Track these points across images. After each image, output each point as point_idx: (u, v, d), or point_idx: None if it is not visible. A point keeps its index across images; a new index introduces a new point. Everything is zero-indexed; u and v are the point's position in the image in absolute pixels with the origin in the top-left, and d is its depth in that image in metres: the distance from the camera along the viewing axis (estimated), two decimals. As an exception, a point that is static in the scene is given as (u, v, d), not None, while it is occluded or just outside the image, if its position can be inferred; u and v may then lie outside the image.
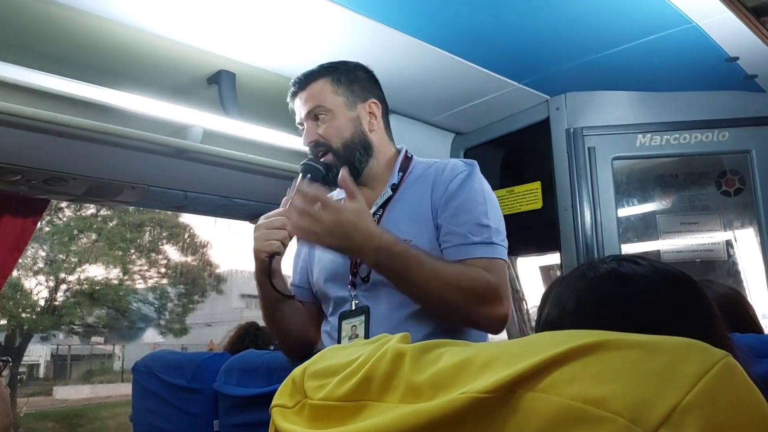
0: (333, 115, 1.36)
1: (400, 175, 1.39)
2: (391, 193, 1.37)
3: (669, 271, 0.69)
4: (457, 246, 1.26)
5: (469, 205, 1.29)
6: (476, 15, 1.71)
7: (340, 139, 1.36)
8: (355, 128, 1.37)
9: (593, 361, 0.44)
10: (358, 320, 1.31)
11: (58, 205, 11.94)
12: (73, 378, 19.01)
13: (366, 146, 1.38)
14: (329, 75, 1.38)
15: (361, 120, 1.39)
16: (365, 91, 1.41)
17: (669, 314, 0.65)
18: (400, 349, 0.54)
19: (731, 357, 0.42)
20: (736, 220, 2.23)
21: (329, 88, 1.37)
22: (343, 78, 1.39)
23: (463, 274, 1.20)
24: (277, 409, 0.61)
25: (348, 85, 1.39)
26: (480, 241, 1.25)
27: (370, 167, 1.40)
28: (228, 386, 1.53)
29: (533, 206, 2.46)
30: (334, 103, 1.36)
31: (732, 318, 1.31)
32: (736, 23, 1.75)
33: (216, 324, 18.30)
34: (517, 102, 2.36)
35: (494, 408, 0.45)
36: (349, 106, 1.38)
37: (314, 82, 1.38)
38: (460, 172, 1.33)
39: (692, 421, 0.38)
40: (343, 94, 1.38)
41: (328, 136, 1.36)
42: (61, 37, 1.65)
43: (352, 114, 1.38)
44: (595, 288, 0.69)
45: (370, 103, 1.41)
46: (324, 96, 1.36)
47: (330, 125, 1.36)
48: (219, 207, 2.42)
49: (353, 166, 1.36)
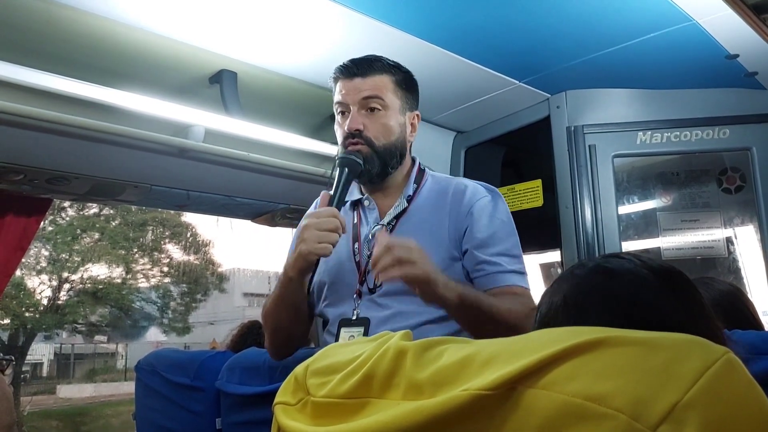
0: (388, 113, 1.34)
1: (414, 187, 1.40)
2: (407, 205, 1.37)
3: (656, 265, 0.70)
4: (493, 274, 1.28)
5: (501, 236, 1.32)
6: (476, 13, 1.71)
7: (385, 139, 1.34)
8: (401, 133, 1.37)
9: (594, 358, 0.44)
10: (356, 330, 1.29)
11: (61, 205, 11.94)
12: (77, 377, 19.03)
13: (402, 154, 1.39)
14: (393, 74, 1.38)
15: (407, 128, 1.40)
16: (415, 102, 1.43)
17: (656, 306, 0.66)
18: (402, 347, 0.54)
19: (732, 353, 0.42)
20: (736, 217, 2.23)
21: (391, 87, 1.36)
22: (404, 83, 1.39)
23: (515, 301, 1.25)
24: (279, 406, 0.61)
25: (406, 91, 1.40)
26: (514, 270, 1.30)
27: (394, 174, 1.40)
28: (230, 384, 1.54)
29: (534, 204, 2.46)
30: (392, 101, 1.35)
31: (732, 315, 1.31)
32: (737, 20, 1.74)
33: (218, 322, 18.31)
34: (518, 100, 2.36)
35: (496, 405, 0.45)
36: (402, 111, 1.38)
37: (378, 74, 1.35)
38: (483, 197, 1.35)
39: (693, 418, 0.39)
40: (401, 97, 1.38)
41: (376, 130, 1.33)
42: (64, 37, 1.65)
43: (401, 119, 1.38)
44: (581, 283, 0.70)
45: (416, 115, 1.43)
46: (384, 90, 1.34)
47: (382, 121, 1.34)
48: (221, 206, 2.42)
49: (385, 169, 1.35)
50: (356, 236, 1.39)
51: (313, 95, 2.14)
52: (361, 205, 1.43)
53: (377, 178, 1.36)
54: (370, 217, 1.40)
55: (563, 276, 0.74)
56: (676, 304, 0.66)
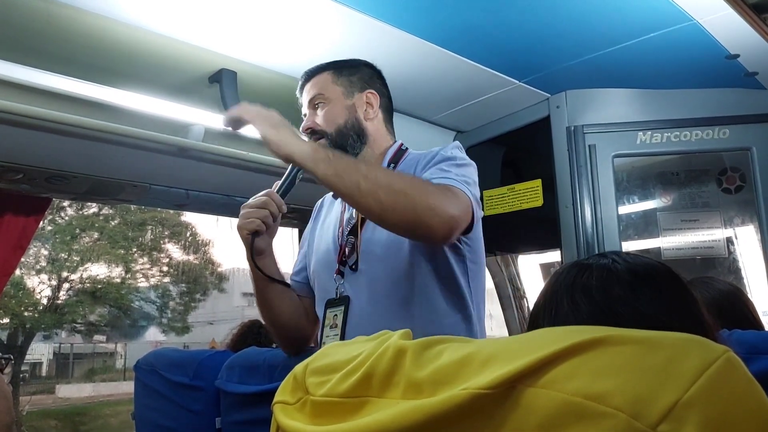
0: (330, 103, 1.41)
1: (391, 166, 1.42)
2: None
3: (638, 261, 0.71)
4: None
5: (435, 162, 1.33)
6: (477, 13, 1.71)
7: (334, 125, 1.40)
8: (350, 115, 1.42)
9: (593, 357, 0.44)
10: (338, 309, 1.34)
11: (60, 204, 11.95)
12: (76, 376, 19.03)
13: (360, 133, 1.42)
14: (333, 68, 1.45)
15: (357, 108, 1.43)
16: (364, 83, 1.46)
17: (625, 298, 0.67)
18: (402, 346, 0.54)
19: (732, 352, 0.42)
20: (736, 217, 2.23)
21: (330, 79, 1.44)
22: (344, 71, 1.45)
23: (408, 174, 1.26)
24: (279, 405, 0.61)
25: (348, 76, 1.45)
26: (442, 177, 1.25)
27: (363, 155, 1.42)
28: (230, 383, 1.54)
29: (534, 204, 2.46)
30: (332, 92, 1.42)
31: (732, 314, 1.31)
32: (737, 20, 1.74)
33: (218, 322, 18.30)
34: (518, 100, 2.36)
35: (495, 404, 0.45)
36: (347, 95, 1.43)
37: (318, 75, 1.45)
38: (437, 151, 1.37)
39: (693, 417, 0.39)
40: (342, 84, 1.43)
41: (323, 122, 1.40)
42: (63, 36, 1.65)
43: (348, 102, 1.43)
44: (558, 278, 0.73)
45: (368, 94, 1.45)
46: (325, 86, 1.43)
47: (326, 112, 1.41)
48: (221, 205, 2.42)
49: (346, 152, 1.38)
50: (341, 222, 1.44)
51: (312, 95, 2.14)
52: None
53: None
54: None
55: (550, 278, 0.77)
56: (651, 298, 0.67)
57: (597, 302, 0.68)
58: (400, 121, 2.35)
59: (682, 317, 0.66)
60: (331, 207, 1.55)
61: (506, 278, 3.51)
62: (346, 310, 1.32)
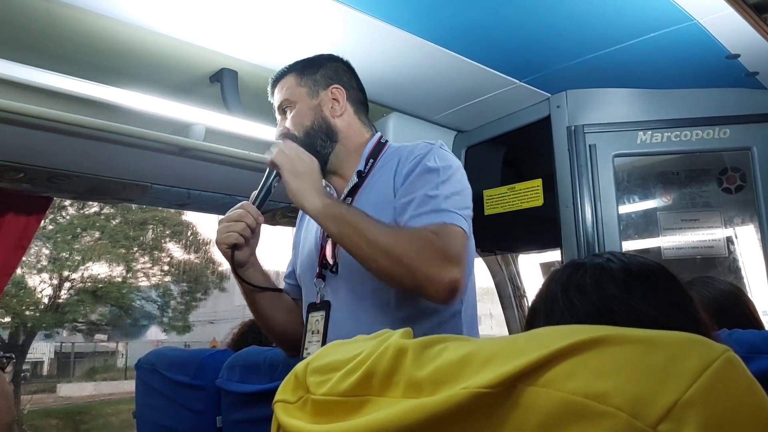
0: (297, 106, 1.40)
1: (370, 162, 1.39)
2: (357, 180, 1.38)
3: (633, 261, 0.72)
4: (409, 219, 1.23)
5: (419, 182, 1.26)
6: (477, 13, 1.71)
7: (302, 127, 1.38)
8: (316, 115, 1.39)
9: (594, 356, 0.44)
10: (320, 314, 1.32)
11: (61, 203, 11.96)
12: (77, 375, 19.04)
13: (328, 132, 1.39)
14: (296, 70, 1.44)
15: (323, 106, 1.40)
16: (328, 79, 1.43)
17: (619, 297, 0.68)
18: (402, 345, 0.54)
19: (732, 352, 0.43)
20: (736, 216, 2.23)
21: (293, 82, 1.42)
22: (307, 70, 1.43)
23: (408, 230, 1.20)
24: (279, 404, 0.62)
25: (311, 75, 1.43)
26: (430, 209, 1.21)
27: (336, 153, 1.40)
28: (231, 383, 1.54)
29: (534, 203, 2.46)
30: (297, 95, 1.41)
31: (732, 314, 1.31)
32: (738, 20, 1.74)
33: (219, 321, 18.29)
34: (518, 100, 2.36)
35: (495, 403, 0.45)
36: (311, 95, 1.41)
37: (283, 79, 1.44)
38: (419, 151, 1.32)
39: (693, 416, 0.39)
40: (305, 84, 1.41)
41: (292, 126, 1.39)
42: (64, 35, 1.65)
43: (313, 102, 1.40)
44: (556, 279, 0.74)
45: (332, 89, 1.42)
46: (290, 89, 1.42)
47: (293, 116, 1.40)
48: (222, 205, 2.43)
49: (316, 152, 1.35)
50: None
51: (313, 94, 2.14)
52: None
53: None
54: None
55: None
56: (644, 296, 0.68)
57: (592, 301, 0.68)
58: (400, 121, 2.36)
59: (676, 315, 0.67)
60: None
61: (506, 277, 3.51)
62: (327, 315, 1.30)
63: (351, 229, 1.17)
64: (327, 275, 1.35)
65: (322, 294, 1.35)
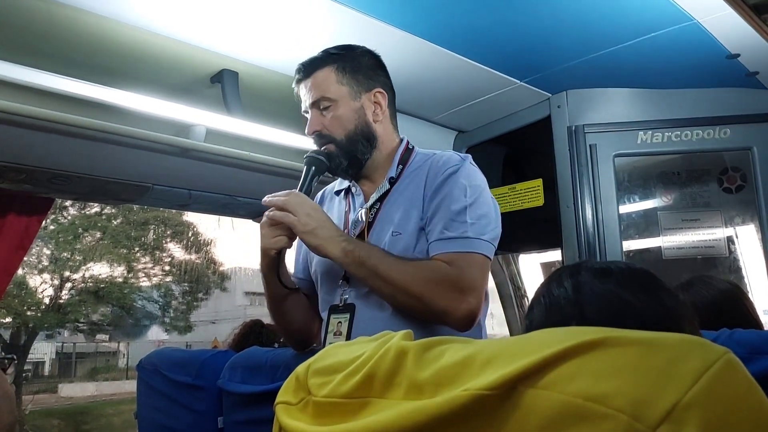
0: (337, 106, 1.33)
1: (399, 168, 1.38)
2: (389, 187, 1.36)
3: (615, 262, 0.72)
4: (434, 242, 1.25)
5: (449, 202, 1.27)
6: (478, 14, 1.71)
7: (343, 131, 1.33)
8: (359, 119, 1.35)
9: (594, 358, 0.44)
10: (343, 317, 1.31)
11: (63, 204, 11.95)
12: (78, 375, 19.04)
13: (369, 138, 1.36)
14: (334, 63, 1.35)
15: (366, 110, 1.36)
16: (370, 80, 1.37)
17: (597, 285, 0.69)
18: (403, 347, 0.54)
19: (732, 353, 0.43)
20: (737, 216, 2.23)
21: (333, 78, 1.34)
22: (347, 66, 1.35)
23: (422, 267, 1.21)
24: (281, 405, 0.62)
25: (353, 73, 1.35)
26: (454, 236, 1.23)
27: (373, 159, 1.38)
28: (232, 383, 1.54)
29: (535, 203, 2.47)
30: (338, 93, 1.33)
31: (732, 314, 1.31)
32: (737, 20, 1.74)
33: (220, 321, 18.32)
34: (519, 100, 2.36)
35: (496, 405, 0.45)
36: (353, 97, 1.35)
37: (319, 70, 1.35)
38: (450, 167, 1.31)
39: (694, 418, 0.39)
40: (347, 83, 1.34)
41: (331, 127, 1.33)
42: (65, 36, 1.66)
43: (356, 104, 1.35)
44: (548, 281, 0.75)
45: (375, 93, 1.37)
46: (328, 86, 1.33)
47: (334, 116, 1.33)
48: (223, 205, 2.43)
49: (355, 158, 1.35)
50: (346, 223, 1.41)
51: (314, 95, 2.14)
52: (350, 193, 1.44)
53: (352, 169, 1.37)
54: (357, 203, 1.41)
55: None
56: (616, 284, 0.69)
57: (565, 287, 0.70)
58: (401, 121, 2.35)
59: (648, 300, 0.67)
60: (332, 203, 1.51)
61: (507, 277, 3.51)
62: (352, 318, 1.30)
63: (369, 272, 1.20)
64: (351, 279, 1.33)
65: (345, 297, 1.33)
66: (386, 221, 1.32)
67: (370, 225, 1.34)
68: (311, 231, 1.22)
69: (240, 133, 1.97)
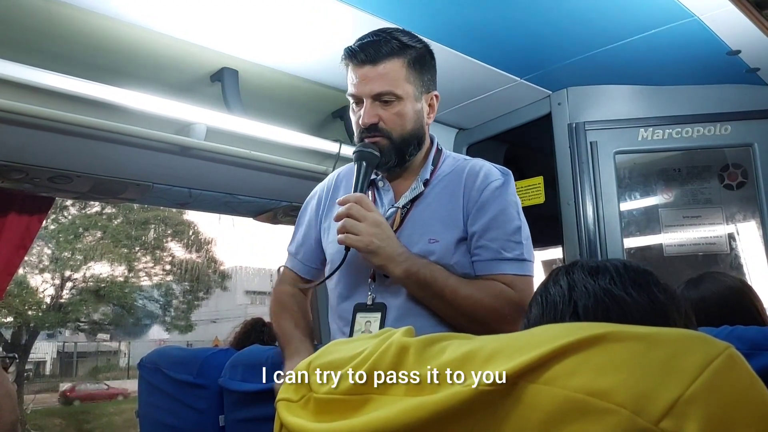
0: (401, 103, 1.26)
1: (431, 169, 1.35)
2: (423, 189, 1.33)
3: (604, 260, 0.72)
4: (488, 261, 1.25)
5: (503, 220, 1.26)
6: (478, 11, 1.71)
7: (401, 129, 1.27)
8: (417, 120, 1.30)
9: (596, 353, 0.44)
10: (373, 316, 1.27)
11: (63, 203, 11.97)
12: (80, 375, 19.06)
13: (420, 140, 1.32)
14: (405, 56, 1.26)
15: (423, 113, 1.32)
16: (432, 82, 1.33)
17: (591, 282, 0.69)
18: (404, 343, 0.54)
19: (733, 348, 0.43)
20: (738, 213, 2.23)
21: (403, 74, 1.26)
22: (417, 64, 1.28)
23: (486, 290, 1.21)
24: (282, 402, 0.62)
25: (420, 73, 1.29)
26: (512, 257, 1.24)
27: (415, 159, 1.35)
28: (233, 381, 1.54)
29: (536, 201, 2.46)
30: (405, 91, 1.26)
31: (738, 310, 1.30)
32: (738, 16, 1.74)
33: (221, 320, 18.33)
34: (520, 97, 2.36)
35: (498, 400, 0.45)
36: (416, 97, 1.29)
37: (389, 60, 1.24)
38: (494, 180, 1.30)
39: (695, 412, 0.39)
40: (413, 82, 1.28)
41: (390, 122, 1.26)
42: (65, 35, 1.65)
43: (417, 105, 1.30)
44: (546, 280, 0.76)
45: (434, 95, 1.34)
46: (398, 82, 1.25)
47: (396, 113, 1.26)
48: (223, 204, 2.42)
49: (403, 158, 1.31)
50: None
51: (314, 93, 2.14)
52: (376, 186, 1.39)
53: (396, 167, 1.32)
54: (385, 199, 1.37)
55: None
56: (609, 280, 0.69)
57: (561, 285, 0.71)
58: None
59: (639, 295, 0.67)
60: (349, 190, 1.40)
61: (508, 275, 3.50)
62: (383, 318, 1.26)
63: (433, 295, 1.20)
64: (378, 275, 1.29)
65: (374, 295, 1.29)
66: (419, 225, 1.29)
67: (402, 221, 1.31)
68: (374, 251, 1.20)
69: (240, 131, 1.97)
